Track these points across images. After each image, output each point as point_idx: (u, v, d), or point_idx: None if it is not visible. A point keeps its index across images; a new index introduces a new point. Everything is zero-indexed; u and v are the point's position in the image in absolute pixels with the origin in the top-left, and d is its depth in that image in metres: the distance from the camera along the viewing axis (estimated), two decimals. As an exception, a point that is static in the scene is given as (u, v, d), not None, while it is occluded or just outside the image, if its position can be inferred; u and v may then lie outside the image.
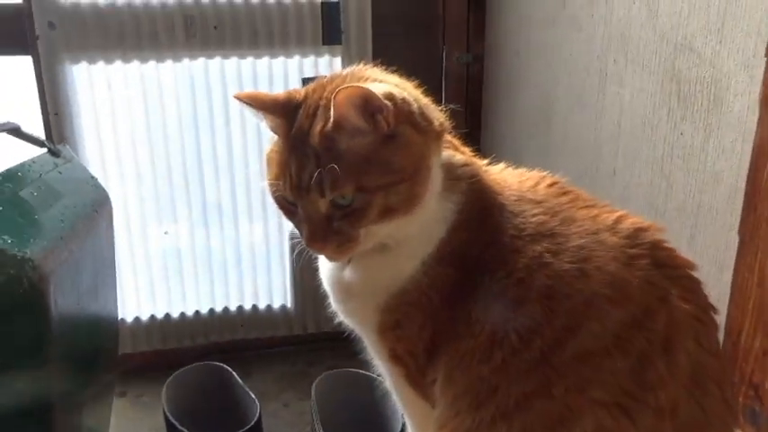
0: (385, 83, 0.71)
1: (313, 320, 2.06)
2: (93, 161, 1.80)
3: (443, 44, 1.96)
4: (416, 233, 0.71)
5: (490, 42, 1.93)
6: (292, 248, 2.03)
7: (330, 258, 0.72)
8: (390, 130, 0.67)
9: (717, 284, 1.08)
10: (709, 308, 0.71)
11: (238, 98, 0.74)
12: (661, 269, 0.68)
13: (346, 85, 0.65)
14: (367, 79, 0.71)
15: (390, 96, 0.68)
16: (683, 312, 0.67)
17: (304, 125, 0.70)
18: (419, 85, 0.76)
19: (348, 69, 0.75)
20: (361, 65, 0.76)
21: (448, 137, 0.77)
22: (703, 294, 0.72)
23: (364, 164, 0.67)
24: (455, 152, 0.76)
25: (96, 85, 1.78)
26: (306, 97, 0.72)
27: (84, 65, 1.75)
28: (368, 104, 0.66)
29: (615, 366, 0.63)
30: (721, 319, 1.08)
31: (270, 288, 2.05)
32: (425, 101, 0.74)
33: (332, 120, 0.67)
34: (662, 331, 0.65)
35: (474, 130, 1.98)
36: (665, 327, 0.65)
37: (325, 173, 0.66)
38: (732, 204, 1.06)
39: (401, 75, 0.76)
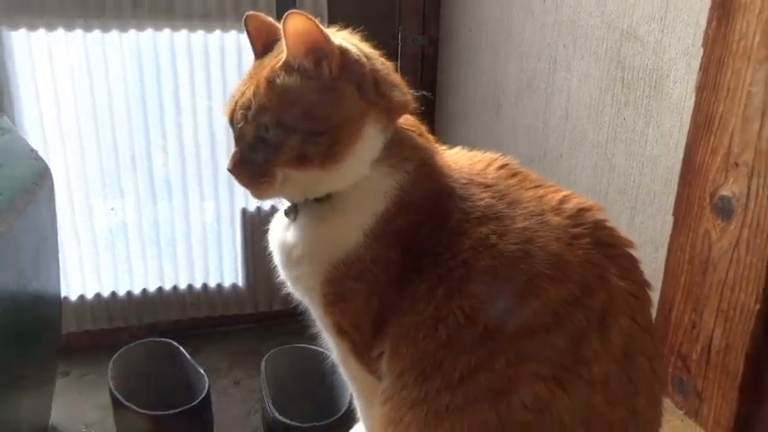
0: (353, 44, 0.72)
1: (264, 298, 2.05)
2: (34, 133, 1.73)
3: (399, 26, 1.96)
4: (351, 200, 0.72)
5: (445, 26, 1.94)
6: (244, 225, 2.03)
7: (251, 192, 0.74)
8: (332, 80, 0.68)
9: (653, 262, 1.14)
10: (644, 284, 0.75)
11: (247, 18, 0.76)
12: (601, 248, 0.71)
13: (299, 13, 0.65)
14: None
15: (344, 50, 0.69)
16: (619, 290, 0.70)
17: (265, 59, 0.73)
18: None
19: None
20: (336, 28, 0.76)
21: (410, 119, 0.78)
22: (639, 271, 0.75)
23: (292, 100, 0.68)
24: (417, 136, 0.77)
25: (37, 53, 1.70)
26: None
27: (23, 32, 1.67)
28: (318, 46, 0.67)
29: (553, 342, 0.66)
30: (655, 294, 1.14)
31: (221, 266, 2.03)
32: (392, 77, 0.75)
33: (283, 58, 0.69)
34: (599, 308, 0.68)
35: (428, 112, 2.00)
36: (602, 304, 0.68)
37: (254, 98, 0.69)
38: (668, 187, 1.12)
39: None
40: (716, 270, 0.96)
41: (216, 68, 1.85)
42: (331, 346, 0.79)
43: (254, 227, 1.95)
